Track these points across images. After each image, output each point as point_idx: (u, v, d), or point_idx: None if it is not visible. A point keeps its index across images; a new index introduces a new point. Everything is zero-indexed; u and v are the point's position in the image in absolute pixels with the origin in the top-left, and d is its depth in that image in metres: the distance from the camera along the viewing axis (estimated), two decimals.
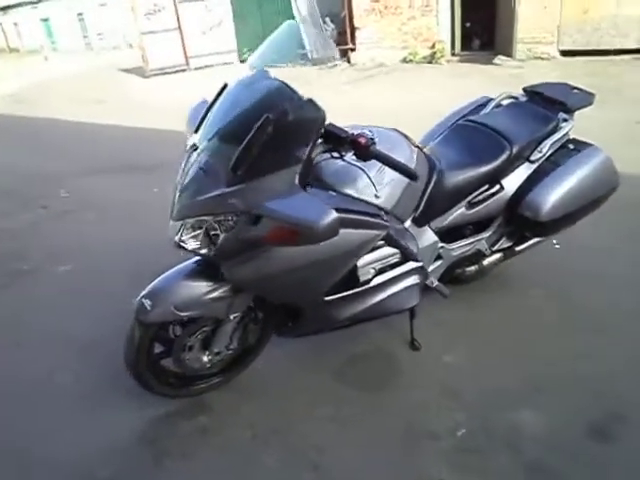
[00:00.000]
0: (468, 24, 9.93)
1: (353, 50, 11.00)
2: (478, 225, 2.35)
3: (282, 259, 1.65)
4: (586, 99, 2.42)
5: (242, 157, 1.49)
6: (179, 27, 12.10)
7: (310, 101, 1.55)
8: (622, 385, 2.02)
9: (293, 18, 11.95)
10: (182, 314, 1.77)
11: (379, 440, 1.88)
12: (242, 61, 12.71)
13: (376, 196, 1.82)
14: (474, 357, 2.24)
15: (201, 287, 1.77)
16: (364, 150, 1.59)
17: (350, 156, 1.65)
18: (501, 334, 2.36)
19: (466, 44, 10.10)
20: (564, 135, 2.33)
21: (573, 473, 1.69)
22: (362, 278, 1.90)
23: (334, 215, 1.42)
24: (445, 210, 2.19)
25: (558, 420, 1.89)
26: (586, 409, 1.93)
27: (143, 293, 1.81)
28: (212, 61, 12.61)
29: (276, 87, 1.63)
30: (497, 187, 2.25)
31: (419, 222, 2.11)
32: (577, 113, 2.41)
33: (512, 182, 2.27)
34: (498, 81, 7.54)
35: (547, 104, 2.43)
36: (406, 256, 2.00)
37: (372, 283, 1.94)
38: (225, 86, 1.70)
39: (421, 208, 2.09)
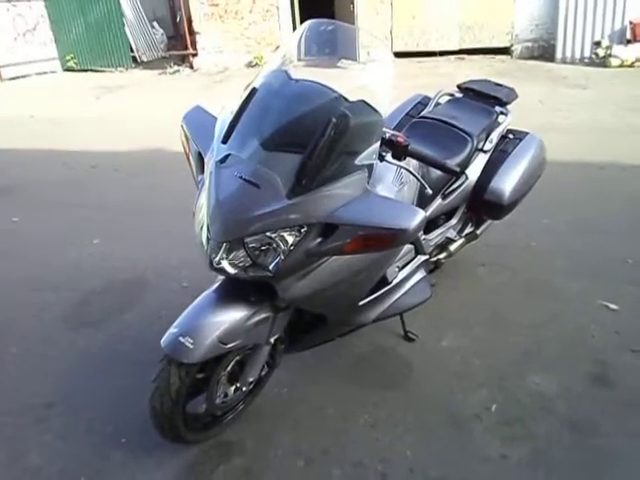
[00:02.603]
0: None
1: (195, 55, 10.66)
2: (446, 214, 2.50)
3: (340, 269, 1.58)
4: (512, 93, 2.74)
5: (307, 165, 1.39)
6: None
7: (364, 103, 1.50)
8: (593, 339, 2.35)
9: (120, 22, 11.19)
10: (227, 346, 1.58)
11: (429, 433, 1.90)
12: (66, 69, 11.47)
13: (399, 196, 1.84)
14: (466, 337, 2.39)
15: (241, 313, 1.60)
16: (402, 149, 1.60)
17: (389, 156, 1.65)
18: (477, 311, 2.56)
19: None
20: (506, 126, 2.60)
21: (600, 419, 1.92)
22: (390, 278, 1.91)
23: (423, 214, 1.41)
24: (429, 203, 2.29)
25: (563, 377, 2.12)
26: (577, 362, 2.20)
27: (175, 332, 1.57)
28: (29, 70, 11.10)
29: (319, 90, 1.54)
30: (464, 177, 2.42)
31: None
32: None
33: (473, 171, 2.47)
34: None
35: (481, 99, 2.69)
36: (417, 250, 2.06)
37: (394, 281, 1.96)
38: (253, 91, 1.55)
39: (415, 203, 2.16)
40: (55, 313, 2.70)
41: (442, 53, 9.41)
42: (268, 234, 1.44)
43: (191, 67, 10.67)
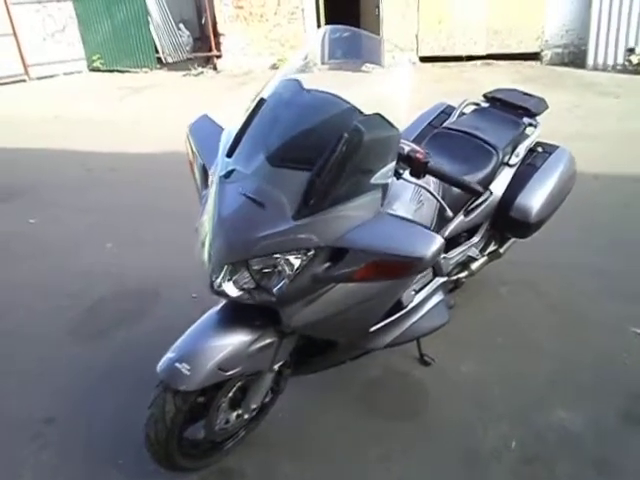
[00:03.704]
0: None
1: (219, 57, 10.65)
2: (469, 232, 2.36)
3: (350, 295, 1.46)
4: (542, 104, 2.58)
5: (316, 184, 1.28)
6: (14, 32, 10.59)
7: (380, 116, 1.39)
8: (624, 370, 2.18)
9: (146, 24, 11.28)
10: (227, 374, 1.48)
11: (445, 469, 1.78)
12: (92, 69, 11.60)
13: (416, 216, 1.72)
14: (486, 362, 2.25)
15: (243, 339, 1.49)
16: (422, 167, 1.48)
17: (406, 174, 1.52)
18: (499, 333, 2.42)
19: None
20: (535, 139, 2.45)
21: (628, 461, 1.77)
22: (405, 302, 1.78)
23: (441, 240, 1.29)
24: (449, 220, 2.16)
25: (591, 411, 1.97)
26: (606, 395, 2.04)
27: (172, 357, 1.48)
28: (56, 70, 11.25)
29: (332, 101, 1.44)
30: (487, 193, 2.28)
31: None
32: None
33: (498, 187, 2.32)
34: None
35: (508, 109, 2.54)
36: (435, 272, 1.93)
37: (410, 306, 1.83)
38: (261, 102, 1.45)
39: (435, 222, 2.03)
40: (64, 322, 2.64)
41: (469, 58, 9.20)
42: (273, 256, 1.34)
43: (215, 69, 10.65)
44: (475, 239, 2.39)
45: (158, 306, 2.73)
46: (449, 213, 1.51)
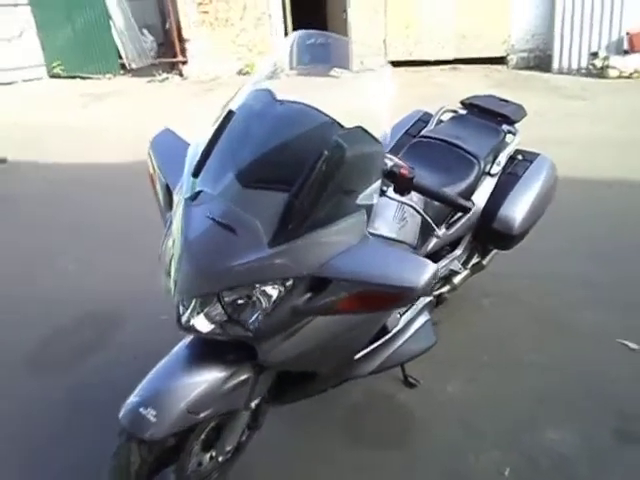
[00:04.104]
0: None
1: (184, 63, 10.41)
2: (451, 244, 2.27)
3: (332, 326, 1.34)
4: (520, 110, 2.51)
5: (293, 206, 1.15)
6: None
7: (362, 130, 1.27)
8: (613, 385, 2.12)
9: (108, 29, 10.97)
10: (199, 416, 1.33)
11: None
12: (52, 76, 11.20)
13: (401, 234, 1.61)
14: (473, 381, 2.16)
15: (216, 376, 1.35)
16: (407, 183, 1.37)
17: (390, 191, 1.41)
18: (484, 349, 2.33)
19: None
20: (515, 146, 2.38)
21: None
22: (390, 327, 1.67)
23: (434, 268, 1.18)
24: (431, 235, 2.06)
25: (583, 431, 1.89)
26: (597, 413, 1.97)
27: (136, 401, 1.32)
28: (15, 77, 10.82)
29: (308, 113, 1.31)
30: (469, 204, 2.19)
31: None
32: None
33: (480, 197, 2.24)
34: None
35: (487, 116, 2.47)
36: None
37: (394, 330, 1.72)
38: (230, 114, 1.30)
39: (417, 237, 1.92)
40: (17, 354, 2.42)
41: (436, 62, 9.22)
42: (247, 287, 1.20)
43: (181, 75, 10.41)
44: (457, 252, 2.30)
45: (124, 331, 2.54)
46: (438, 232, 1.40)
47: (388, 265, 1.18)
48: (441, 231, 2.07)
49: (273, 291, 1.21)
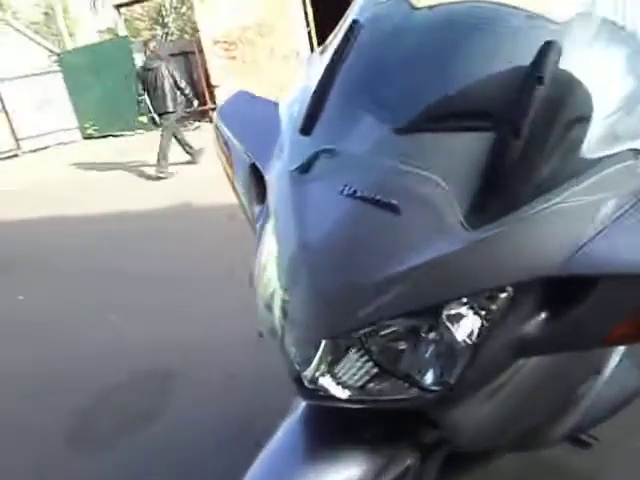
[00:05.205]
0: None
1: (214, 109, 10.32)
2: None
3: (545, 370, 0.79)
4: None
5: (511, 152, 0.63)
6: (3, 107, 10.31)
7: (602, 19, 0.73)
8: None
9: (137, 86, 11.05)
10: None
11: None
12: (86, 137, 11.30)
13: None
14: None
15: (358, 472, 0.79)
16: None
17: None
18: None
19: None
20: None
21: None
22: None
23: None
24: None
25: None
26: None
27: None
28: (50, 141, 10.97)
29: (486, 11, 0.78)
30: None
31: None
32: None
33: None
34: None
35: None
36: None
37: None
38: (355, 28, 0.79)
39: None
40: (54, 430, 1.93)
41: None
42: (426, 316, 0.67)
43: (211, 121, 10.30)
44: None
45: (181, 394, 2.02)
46: None
47: None
48: None
49: (470, 314, 0.66)
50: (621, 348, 1.22)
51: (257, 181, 0.93)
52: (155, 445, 1.76)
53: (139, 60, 11.08)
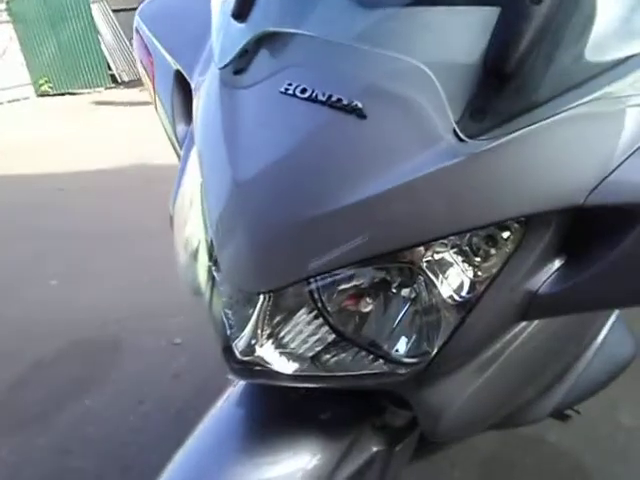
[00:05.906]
0: None
1: None
2: None
3: (544, 341, 0.62)
4: None
5: (523, 33, 0.43)
6: None
7: None
8: None
9: (96, 42, 10.49)
10: None
11: None
12: (40, 94, 10.65)
13: None
14: None
15: (311, 462, 0.61)
16: None
17: None
18: None
19: None
20: None
21: None
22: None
23: None
24: None
25: None
26: None
27: None
28: (0, 98, 10.29)
29: None
30: None
31: None
32: None
33: None
34: None
35: None
36: None
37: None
38: None
39: None
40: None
41: None
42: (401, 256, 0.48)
43: None
44: None
45: (122, 365, 1.82)
46: None
47: None
48: None
49: (459, 261, 0.48)
50: (614, 312, 1.09)
51: (184, 93, 0.72)
52: (90, 420, 1.57)
53: (97, 11, 10.48)
